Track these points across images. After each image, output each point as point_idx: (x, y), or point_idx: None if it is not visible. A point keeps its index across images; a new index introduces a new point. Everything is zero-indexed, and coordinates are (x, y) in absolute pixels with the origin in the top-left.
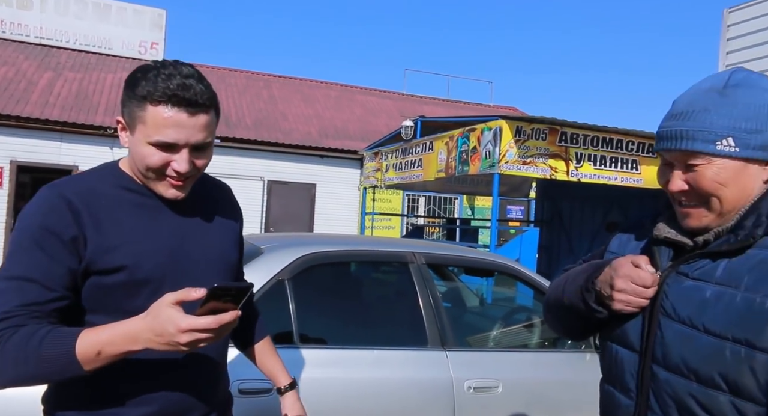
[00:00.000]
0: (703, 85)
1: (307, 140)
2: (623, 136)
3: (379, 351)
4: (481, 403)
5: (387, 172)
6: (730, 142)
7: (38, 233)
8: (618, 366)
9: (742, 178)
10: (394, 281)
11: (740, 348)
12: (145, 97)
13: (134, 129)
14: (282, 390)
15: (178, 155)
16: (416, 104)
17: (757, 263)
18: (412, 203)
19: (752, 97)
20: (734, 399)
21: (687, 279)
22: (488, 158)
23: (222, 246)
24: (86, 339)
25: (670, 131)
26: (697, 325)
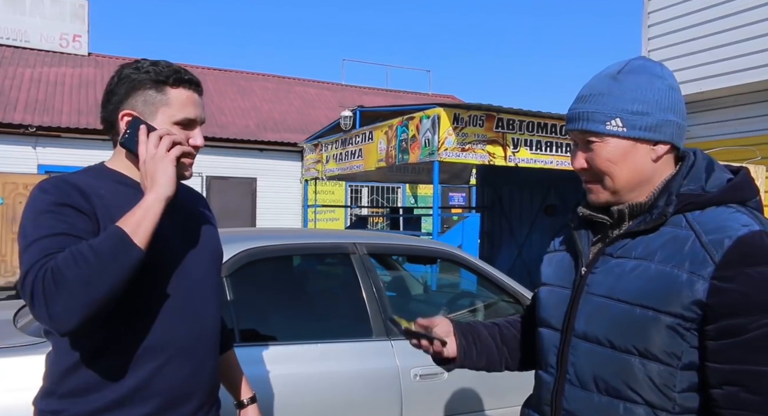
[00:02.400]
0: (606, 71)
1: (245, 133)
2: (557, 120)
3: (324, 344)
4: (427, 390)
5: (328, 163)
6: (618, 123)
7: (55, 206)
8: (544, 347)
9: (631, 157)
10: (336, 273)
11: (648, 311)
12: (165, 81)
13: (155, 114)
14: (244, 403)
15: (195, 132)
16: (355, 94)
17: (669, 239)
18: (355, 194)
19: (641, 82)
20: (644, 361)
21: (612, 258)
22: (428, 146)
23: (213, 240)
24: (120, 221)
25: (573, 113)
26: (612, 295)
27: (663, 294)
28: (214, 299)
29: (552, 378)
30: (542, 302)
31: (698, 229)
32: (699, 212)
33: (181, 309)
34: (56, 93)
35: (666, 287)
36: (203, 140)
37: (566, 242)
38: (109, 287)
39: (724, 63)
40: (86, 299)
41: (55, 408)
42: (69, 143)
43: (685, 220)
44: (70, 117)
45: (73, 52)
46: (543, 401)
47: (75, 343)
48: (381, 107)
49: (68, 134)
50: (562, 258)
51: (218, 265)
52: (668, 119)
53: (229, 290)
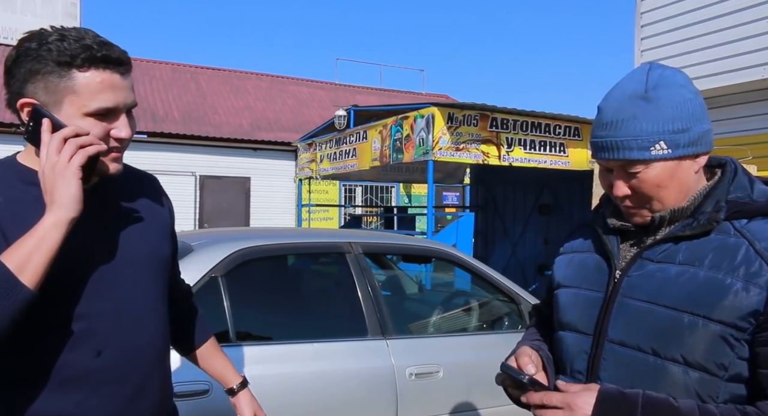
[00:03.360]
0: (626, 90)
1: (239, 132)
2: (550, 120)
3: (319, 343)
4: (423, 389)
5: (322, 162)
6: (663, 145)
7: None
8: (569, 352)
9: (677, 175)
10: (331, 272)
11: (698, 319)
12: (69, 63)
13: (60, 104)
14: (234, 389)
15: (118, 122)
16: (349, 93)
17: (718, 246)
18: (349, 193)
19: (673, 97)
20: (687, 369)
21: (651, 263)
22: (422, 146)
23: (150, 242)
24: (6, 253)
25: (604, 141)
26: (657, 301)
27: (715, 302)
28: (150, 315)
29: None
30: (563, 305)
31: (750, 236)
32: (746, 221)
33: (104, 333)
34: None
35: (718, 295)
36: (130, 130)
37: (592, 244)
38: None
39: (717, 63)
40: None
41: None
42: None
43: (733, 228)
44: None
45: None
46: None
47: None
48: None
49: None
50: (584, 260)
51: (156, 269)
52: (705, 128)
53: (224, 290)
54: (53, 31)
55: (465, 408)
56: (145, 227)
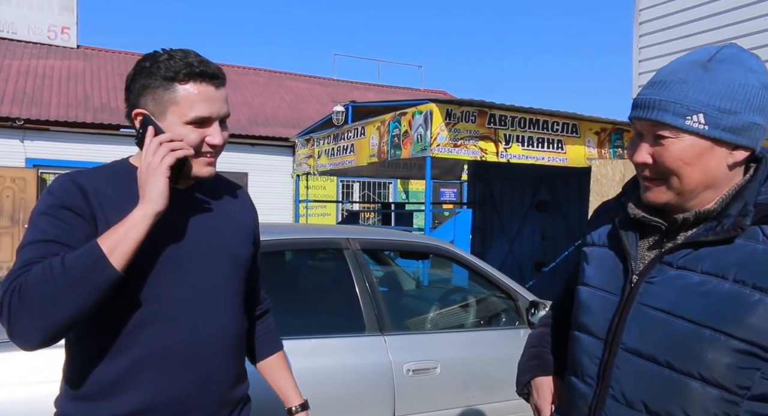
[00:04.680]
0: (691, 57)
1: (237, 128)
2: (548, 117)
3: (317, 339)
4: (420, 385)
5: (319, 158)
6: (701, 119)
7: (54, 209)
8: (581, 355)
9: (706, 159)
10: (329, 268)
11: (720, 335)
12: (173, 78)
13: (165, 114)
14: (292, 410)
15: (211, 129)
16: (347, 89)
17: (746, 254)
18: (347, 189)
19: (734, 75)
20: (704, 385)
21: (671, 269)
22: (420, 142)
23: (230, 239)
24: (101, 237)
25: (645, 99)
26: (675, 312)
27: (740, 319)
28: (224, 304)
29: (591, 390)
30: (583, 304)
31: None
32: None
33: (179, 317)
34: (44, 86)
35: (745, 311)
36: (222, 138)
37: (609, 238)
38: (74, 310)
39: None
40: (47, 320)
41: (64, 411)
42: (57, 137)
43: (762, 234)
44: (59, 110)
45: (61, 45)
46: (578, 412)
47: (78, 348)
48: (373, 103)
49: (56, 127)
50: (603, 256)
51: (234, 269)
52: (755, 122)
53: None
54: (164, 52)
55: (462, 404)
56: (227, 228)
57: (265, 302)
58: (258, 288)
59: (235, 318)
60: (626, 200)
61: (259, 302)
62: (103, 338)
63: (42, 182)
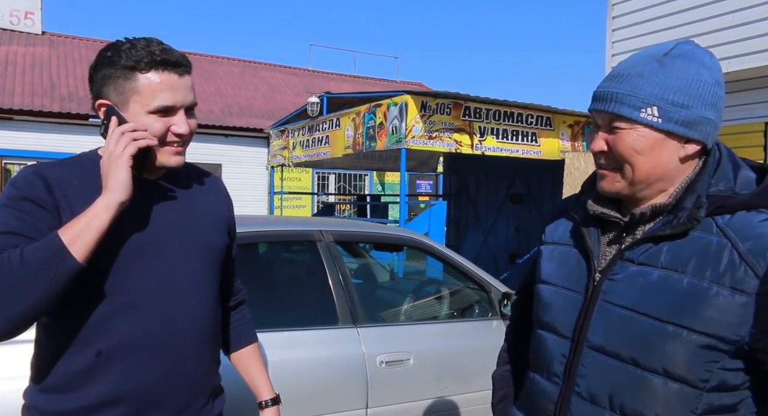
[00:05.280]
0: (649, 51)
1: (210, 118)
2: (523, 110)
3: (289, 332)
4: (393, 376)
5: (294, 150)
6: (654, 111)
7: (15, 201)
8: (547, 353)
9: (658, 150)
10: (302, 260)
11: (682, 330)
12: (134, 67)
13: (127, 104)
14: (263, 404)
15: (176, 118)
16: (323, 80)
17: (702, 247)
18: (322, 181)
19: (688, 70)
20: (668, 381)
21: (633, 265)
22: (395, 134)
23: (203, 229)
24: (63, 228)
25: (603, 91)
26: (639, 309)
27: (699, 313)
28: (197, 295)
29: (557, 388)
30: (544, 303)
31: (733, 237)
32: (729, 216)
33: (149, 307)
34: (7, 73)
35: (703, 305)
36: (189, 127)
37: (572, 236)
38: (35, 301)
39: None
40: (6, 312)
41: (32, 403)
42: (22, 126)
43: (716, 225)
44: (23, 99)
45: (25, 31)
46: (543, 410)
47: (46, 340)
48: (348, 94)
49: (21, 116)
50: (565, 254)
51: (208, 258)
52: (707, 116)
53: None
54: (126, 41)
55: (436, 395)
56: (201, 218)
57: (240, 293)
58: (234, 279)
59: (209, 309)
60: (586, 198)
61: (234, 293)
62: (70, 330)
63: (6, 172)
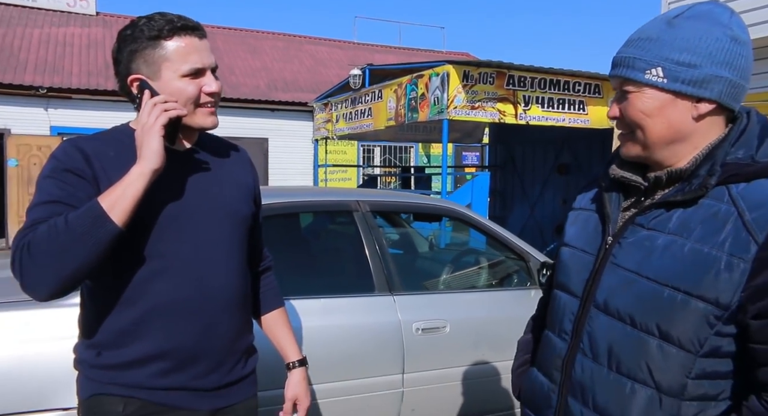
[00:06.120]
0: (664, 14)
1: (256, 93)
2: (569, 77)
3: (327, 299)
4: (429, 343)
5: (337, 123)
6: (659, 72)
7: (58, 172)
8: (559, 311)
9: (668, 111)
10: (339, 230)
11: (677, 294)
12: (158, 36)
13: (159, 72)
14: (290, 366)
15: (206, 79)
16: (367, 52)
17: (710, 215)
18: (368, 153)
19: (698, 29)
20: (662, 343)
21: (643, 230)
22: (437, 104)
23: (231, 198)
24: (102, 196)
25: (617, 57)
26: (640, 271)
27: (697, 278)
28: (226, 260)
29: (565, 345)
30: (563, 264)
31: (741, 206)
32: (745, 184)
33: (184, 271)
34: (65, 54)
35: (701, 270)
36: (219, 85)
37: (595, 202)
38: (80, 262)
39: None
40: (55, 273)
41: (82, 357)
42: (80, 105)
43: (728, 194)
44: (80, 78)
45: (80, 12)
46: (553, 366)
47: (90, 302)
48: (390, 66)
49: (79, 95)
50: (587, 219)
51: (236, 225)
52: (719, 74)
53: None
54: (141, 18)
55: (471, 362)
56: (228, 186)
57: (267, 259)
58: (261, 246)
59: (239, 273)
60: (614, 161)
61: (262, 259)
62: (112, 292)
63: None
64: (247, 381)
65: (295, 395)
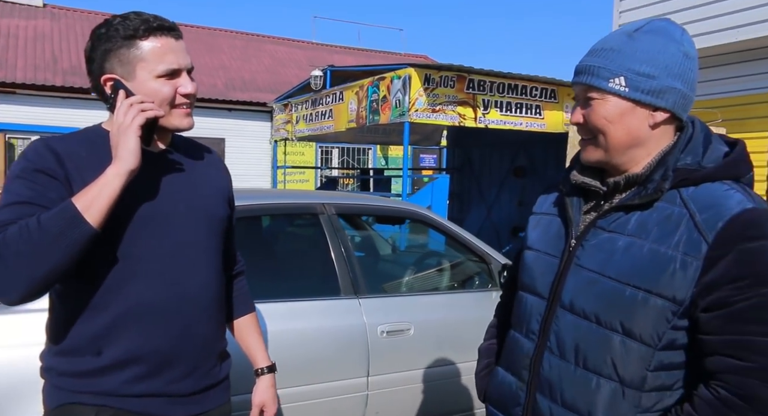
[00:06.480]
0: (623, 27)
1: (214, 92)
2: (527, 82)
3: (293, 302)
4: (394, 346)
5: (298, 124)
6: (622, 81)
7: (28, 172)
8: (526, 313)
9: (628, 118)
10: (305, 233)
11: (638, 292)
12: (133, 35)
13: (134, 72)
14: (259, 372)
15: (181, 80)
16: (326, 53)
17: (664, 217)
18: (326, 155)
19: (656, 43)
20: (625, 339)
21: (604, 232)
22: (398, 107)
23: (206, 200)
24: (76, 196)
25: (581, 65)
26: (603, 271)
27: (655, 276)
28: (203, 262)
29: (533, 344)
30: (527, 267)
31: (692, 208)
32: (693, 188)
33: (160, 273)
34: (9, 47)
35: (658, 269)
36: (195, 86)
37: (556, 206)
38: (54, 264)
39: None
40: (28, 275)
41: (50, 365)
42: (25, 100)
43: (680, 197)
44: (26, 73)
45: (26, 3)
46: (521, 365)
47: (60, 305)
48: (351, 67)
49: (24, 90)
50: (550, 223)
51: (212, 227)
52: (674, 86)
53: None
54: (116, 16)
55: (435, 364)
56: (204, 188)
57: (239, 263)
58: (234, 249)
59: (215, 275)
60: (575, 168)
61: (235, 262)
62: (84, 295)
63: (9, 147)
64: (221, 387)
65: (262, 401)
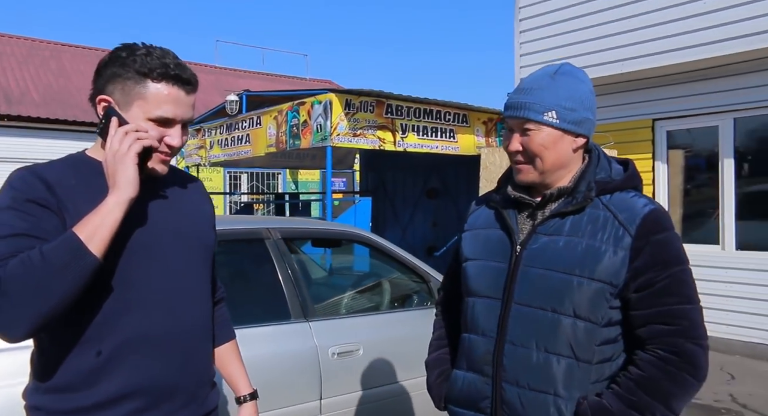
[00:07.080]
0: (543, 70)
1: None
2: (441, 107)
3: (242, 329)
4: (345, 367)
5: (212, 149)
6: (554, 115)
7: (19, 202)
8: (481, 315)
9: (558, 145)
10: (251, 258)
11: (583, 279)
12: (147, 74)
13: (130, 106)
14: (241, 399)
15: (172, 130)
16: (231, 77)
17: (594, 219)
18: (235, 180)
19: (572, 83)
20: (576, 321)
21: (544, 236)
22: (320, 132)
23: (197, 227)
24: (77, 226)
25: (515, 101)
26: (551, 267)
27: (593, 265)
28: (197, 292)
29: (492, 341)
30: (473, 275)
31: (613, 209)
32: (609, 196)
33: (157, 302)
34: None
35: (595, 259)
36: (181, 141)
37: (495, 220)
38: (59, 298)
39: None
40: (33, 311)
41: (38, 404)
42: None
43: (601, 203)
44: None
45: None
46: (482, 362)
47: (48, 339)
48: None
49: None
50: (488, 235)
51: (204, 256)
52: (588, 117)
53: None
54: (143, 46)
55: (384, 382)
56: (192, 215)
57: (220, 290)
58: (215, 276)
59: (208, 303)
60: (504, 188)
61: (215, 289)
62: (76, 328)
63: None
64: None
65: None
